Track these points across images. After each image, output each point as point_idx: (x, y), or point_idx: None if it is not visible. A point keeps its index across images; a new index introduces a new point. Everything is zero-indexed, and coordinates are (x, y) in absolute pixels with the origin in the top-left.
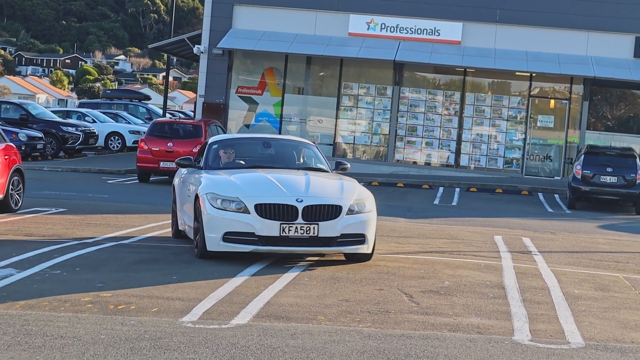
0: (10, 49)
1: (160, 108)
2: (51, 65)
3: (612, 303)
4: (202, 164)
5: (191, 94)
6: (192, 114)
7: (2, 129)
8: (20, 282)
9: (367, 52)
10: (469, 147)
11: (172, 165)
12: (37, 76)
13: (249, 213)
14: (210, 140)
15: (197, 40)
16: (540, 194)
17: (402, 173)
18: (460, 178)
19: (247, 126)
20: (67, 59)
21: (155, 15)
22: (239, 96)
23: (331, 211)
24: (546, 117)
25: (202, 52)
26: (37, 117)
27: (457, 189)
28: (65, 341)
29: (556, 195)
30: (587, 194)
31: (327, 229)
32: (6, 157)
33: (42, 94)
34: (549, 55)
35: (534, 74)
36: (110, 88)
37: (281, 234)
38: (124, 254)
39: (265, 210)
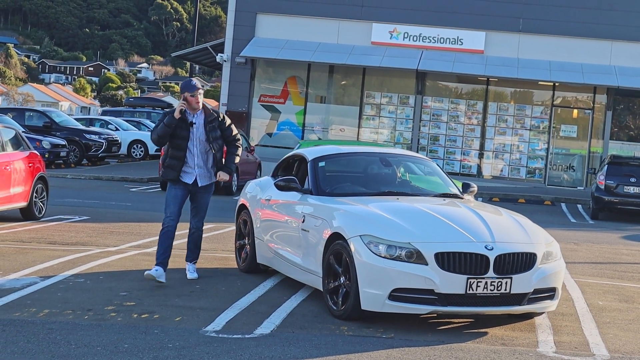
0: (34, 57)
1: None
2: (74, 72)
3: (637, 315)
4: (309, 186)
5: (213, 102)
6: None
7: (26, 137)
8: (44, 290)
9: (389, 61)
10: (491, 156)
11: None
12: (60, 84)
13: (427, 264)
14: (311, 155)
15: (219, 48)
16: (563, 204)
17: None
18: (483, 188)
19: (270, 135)
20: (90, 66)
21: (178, 24)
22: (261, 105)
23: (526, 261)
24: (569, 127)
25: (225, 61)
26: (60, 125)
27: (480, 199)
28: (89, 350)
29: (579, 206)
30: (611, 204)
31: (521, 283)
32: (30, 164)
33: (65, 102)
34: (572, 65)
35: (557, 84)
36: (133, 96)
37: (467, 292)
38: (148, 262)
39: (449, 261)
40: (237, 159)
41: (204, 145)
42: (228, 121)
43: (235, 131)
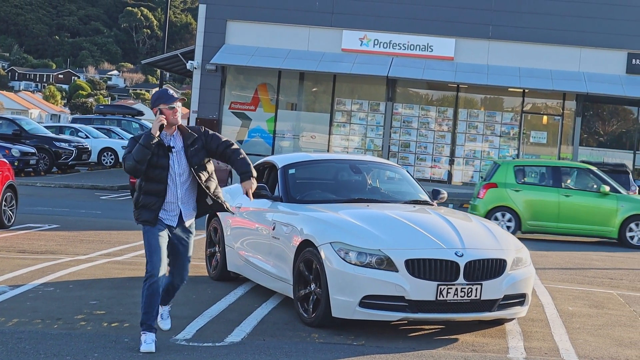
0: (3, 64)
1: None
2: (44, 80)
3: (607, 320)
4: (280, 194)
5: (184, 110)
6: None
7: None
8: (14, 300)
9: (360, 68)
10: (462, 163)
11: None
12: (30, 91)
13: (397, 271)
14: (281, 162)
15: (190, 55)
16: None
17: None
18: (454, 194)
19: (240, 142)
20: (60, 74)
21: (149, 31)
22: (232, 112)
23: (496, 267)
24: (539, 133)
25: (195, 68)
26: (30, 133)
27: (450, 205)
28: (59, 359)
29: None
30: None
31: (491, 289)
32: None
33: (35, 109)
34: (541, 72)
35: (526, 90)
36: (103, 103)
37: (437, 298)
38: (118, 271)
39: (419, 268)
40: (247, 159)
41: (187, 174)
42: (210, 132)
43: (223, 137)
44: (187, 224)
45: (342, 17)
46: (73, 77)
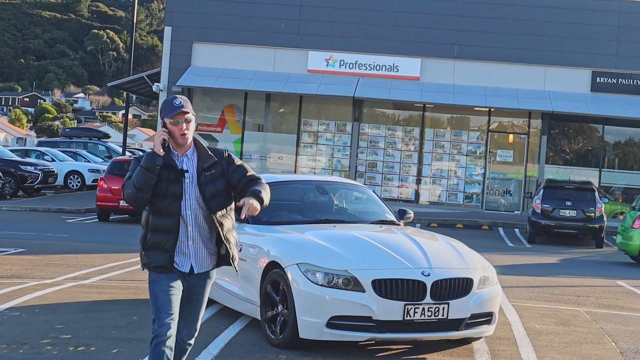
0: None
1: (119, 146)
2: (10, 103)
3: (574, 337)
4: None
5: (151, 132)
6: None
7: None
8: None
9: (326, 89)
10: (429, 182)
11: None
12: None
13: (364, 292)
14: None
15: (156, 78)
16: (500, 229)
17: None
18: (421, 214)
19: None
20: (25, 97)
21: (114, 53)
22: (198, 134)
23: (462, 286)
24: (505, 152)
25: (161, 90)
26: None
27: (418, 225)
28: None
29: (516, 230)
30: (547, 228)
31: (458, 308)
32: None
33: (1, 133)
34: (507, 91)
35: (492, 109)
36: (70, 126)
37: (405, 318)
38: (84, 294)
39: (386, 288)
40: (267, 191)
41: (200, 206)
42: (237, 161)
43: (250, 170)
44: (201, 269)
45: (308, 38)
46: (39, 100)
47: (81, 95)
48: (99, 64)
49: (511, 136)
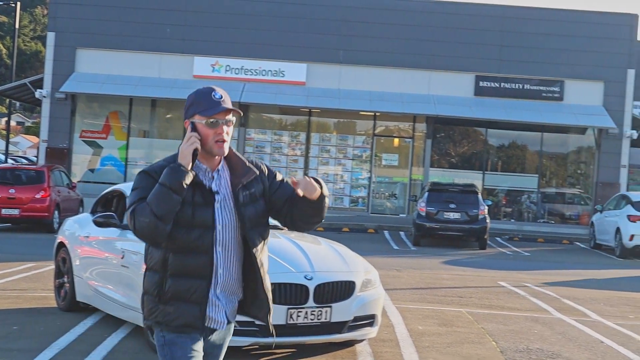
0: None
1: (2, 154)
2: None
3: (455, 338)
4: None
5: (35, 139)
6: (35, 159)
7: None
8: None
9: None
10: None
11: (15, 212)
12: None
13: None
14: (129, 190)
15: (39, 84)
16: (386, 232)
17: None
18: None
19: (92, 170)
20: None
21: None
22: (83, 140)
23: (345, 289)
24: (391, 156)
25: (44, 97)
26: None
27: None
28: None
29: (402, 233)
30: (432, 231)
31: (341, 311)
32: None
33: None
34: (392, 95)
35: (377, 114)
36: None
37: (288, 322)
38: None
39: None
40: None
41: (235, 239)
42: (278, 174)
43: None
44: (222, 325)
45: (193, 43)
46: None
47: None
48: None
49: (396, 140)
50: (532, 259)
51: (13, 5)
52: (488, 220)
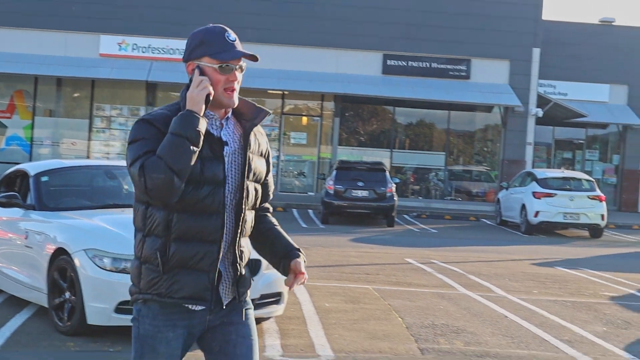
0: None
1: None
2: None
3: (362, 314)
4: (32, 202)
5: None
6: None
7: None
8: None
9: (118, 73)
10: None
11: None
12: None
13: None
14: (33, 170)
15: None
16: (294, 210)
17: None
18: None
19: None
20: None
21: None
22: None
23: (250, 267)
24: (299, 134)
25: None
26: None
27: None
28: None
29: (310, 211)
30: (340, 209)
31: None
32: None
33: None
34: (300, 74)
35: (286, 92)
36: None
37: None
38: None
39: None
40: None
41: (244, 198)
42: (270, 173)
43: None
44: (230, 298)
45: (99, 21)
46: None
47: None
48: None
49: (305, 119)
50: (439, 236)
51: None
52: (396, 198)
